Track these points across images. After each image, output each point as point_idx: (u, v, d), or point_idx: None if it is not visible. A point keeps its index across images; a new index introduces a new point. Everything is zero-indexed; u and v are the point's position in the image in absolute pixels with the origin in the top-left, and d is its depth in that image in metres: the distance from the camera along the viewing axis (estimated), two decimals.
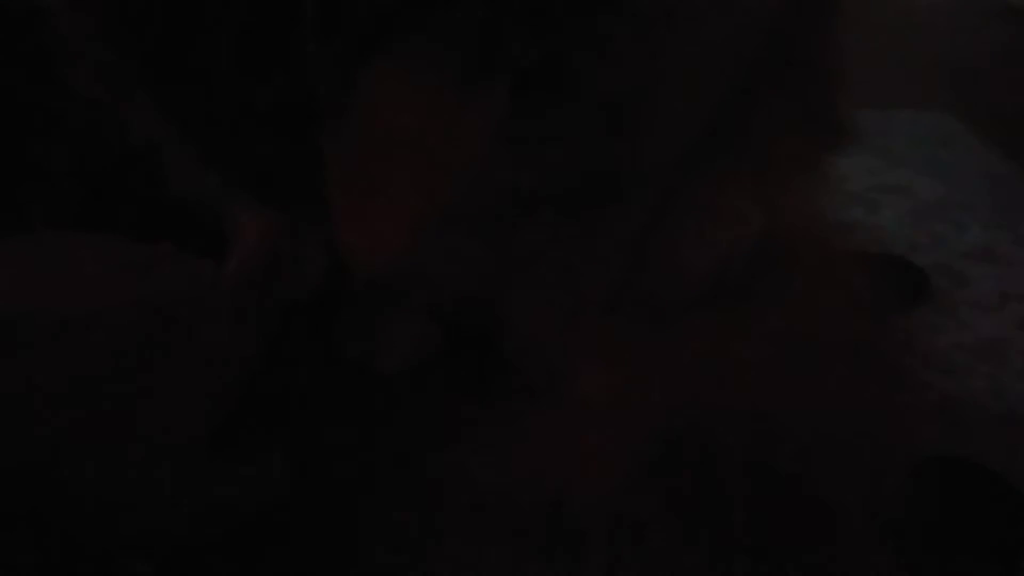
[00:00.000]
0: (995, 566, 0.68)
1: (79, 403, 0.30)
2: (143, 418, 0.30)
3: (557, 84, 0.41)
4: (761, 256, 0.47)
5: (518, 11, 0.40)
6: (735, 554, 0.41)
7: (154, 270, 0.35)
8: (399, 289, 0.45)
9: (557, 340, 0.43)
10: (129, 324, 0.30)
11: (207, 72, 0.44)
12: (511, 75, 0.41)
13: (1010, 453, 0.83)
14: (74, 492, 0.31)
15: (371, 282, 0.44)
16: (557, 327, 0.43)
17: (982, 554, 0.68)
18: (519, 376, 0.43)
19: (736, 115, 0.42)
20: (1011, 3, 2.53)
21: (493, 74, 0.41)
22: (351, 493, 0.41)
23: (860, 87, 1.81)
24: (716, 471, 0.40)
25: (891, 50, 2.07)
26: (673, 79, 0.39)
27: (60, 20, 0.50)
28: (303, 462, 0.39)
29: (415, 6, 0.41)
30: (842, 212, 1.27)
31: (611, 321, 0.43)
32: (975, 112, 1.60)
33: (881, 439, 0.67)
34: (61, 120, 0.51)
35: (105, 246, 0.35)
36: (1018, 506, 0.73)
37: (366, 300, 0.45)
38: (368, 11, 0.41)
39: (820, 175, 0.46)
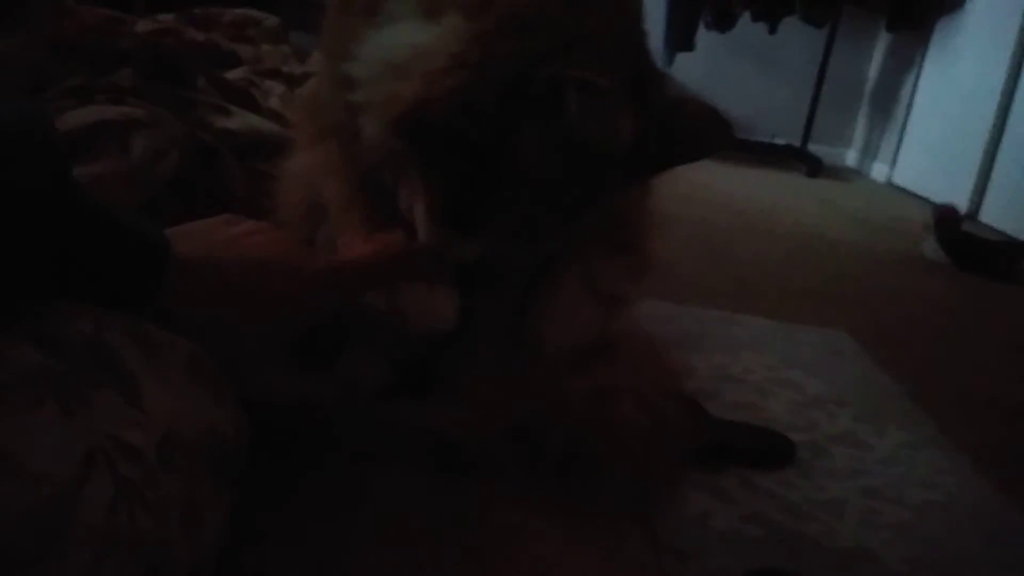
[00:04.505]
0: None
1: None
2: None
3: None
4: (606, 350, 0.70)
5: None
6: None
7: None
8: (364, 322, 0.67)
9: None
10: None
11: None
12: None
13: None
14: None
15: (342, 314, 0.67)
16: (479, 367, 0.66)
17: None
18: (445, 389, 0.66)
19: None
20: (927, 256, 2.94)
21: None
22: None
23: (779, 306, 2.12)
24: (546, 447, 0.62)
25: (810, 281, 2.43)
26: None
27: None
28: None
29: None
30: (740, 395, 1.53)
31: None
32: (868, 334, 1.91)
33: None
34: None
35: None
36: None
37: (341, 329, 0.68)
38: None
39: (629, 297, 0.70)
